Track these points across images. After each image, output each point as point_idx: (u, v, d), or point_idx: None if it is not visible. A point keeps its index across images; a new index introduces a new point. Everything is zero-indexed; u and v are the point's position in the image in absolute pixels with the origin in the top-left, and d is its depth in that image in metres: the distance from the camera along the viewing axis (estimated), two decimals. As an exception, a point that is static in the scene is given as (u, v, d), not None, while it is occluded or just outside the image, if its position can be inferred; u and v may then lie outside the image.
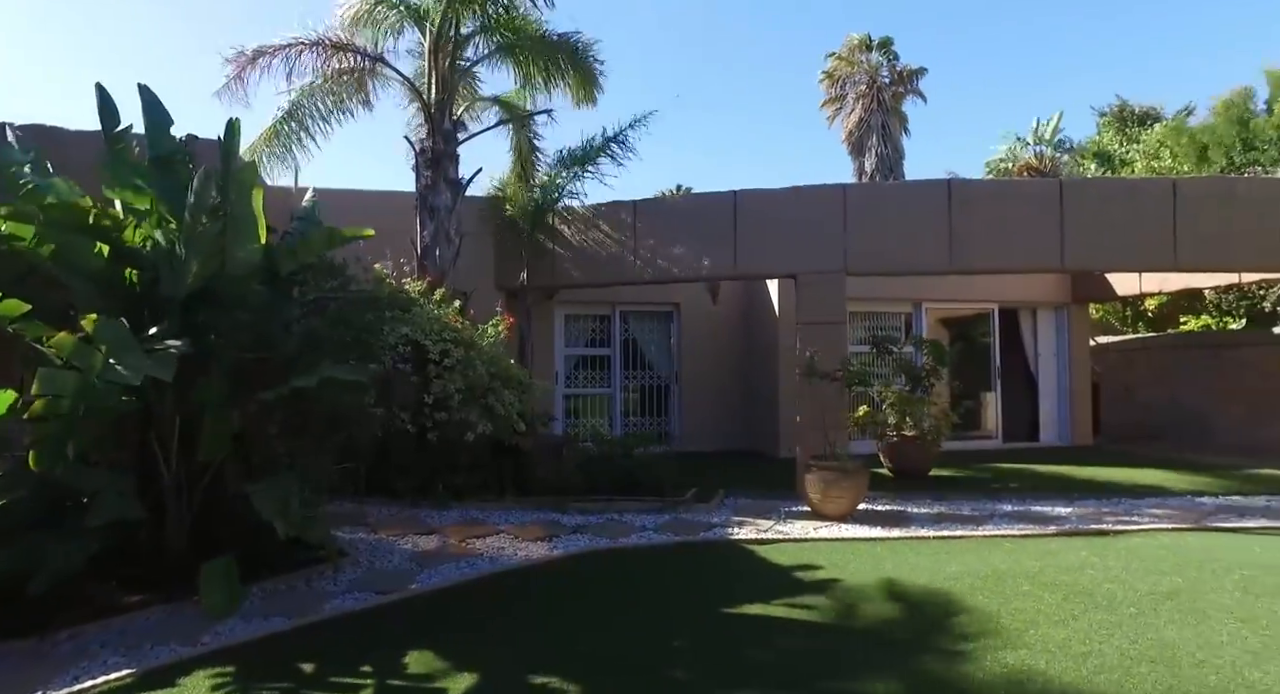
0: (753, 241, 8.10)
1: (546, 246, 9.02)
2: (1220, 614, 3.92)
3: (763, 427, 11.25)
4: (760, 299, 11.58)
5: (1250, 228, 7.95)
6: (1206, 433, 11.42)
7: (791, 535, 5.98)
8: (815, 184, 8.02)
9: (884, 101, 29.59)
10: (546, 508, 6.86)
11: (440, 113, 8.41)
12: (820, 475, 6.59)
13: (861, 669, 3.34)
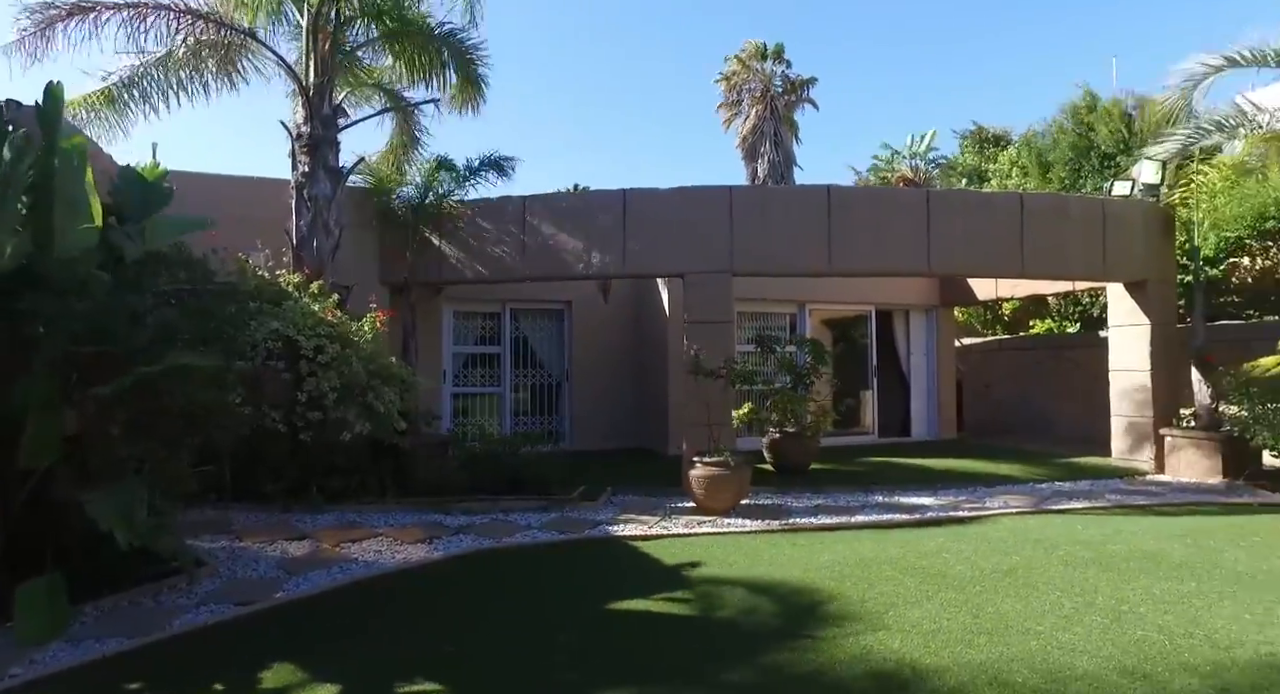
0: (642, 240, 8.19)
1: (433, 241, 8.77)
2: (1046, 586, 4.32)
3: (653, 425, 11.40)
4: (651, 298, 11.73)
5: (1079, 241, 8.81)
6: (1050, 426, 12.54)
7: (675, 531, 6.09)
8: (702, 185, 8.21)
9: (777, 109, 30.68)
10: (429, 509, 6.67)
11: (320, 97, 8.00)
12: (704, 472, 6.75)
13: (735, 658, 3.44)
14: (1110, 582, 4.42)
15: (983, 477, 8.68)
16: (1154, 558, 4.98)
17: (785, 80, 31.19)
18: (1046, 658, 3.28)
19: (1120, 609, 3.92)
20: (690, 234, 8.13)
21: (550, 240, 8.46)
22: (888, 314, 13.02)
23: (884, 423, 12.93)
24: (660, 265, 8.50)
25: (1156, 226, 9.16)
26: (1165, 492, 7.72)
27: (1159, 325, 8.98)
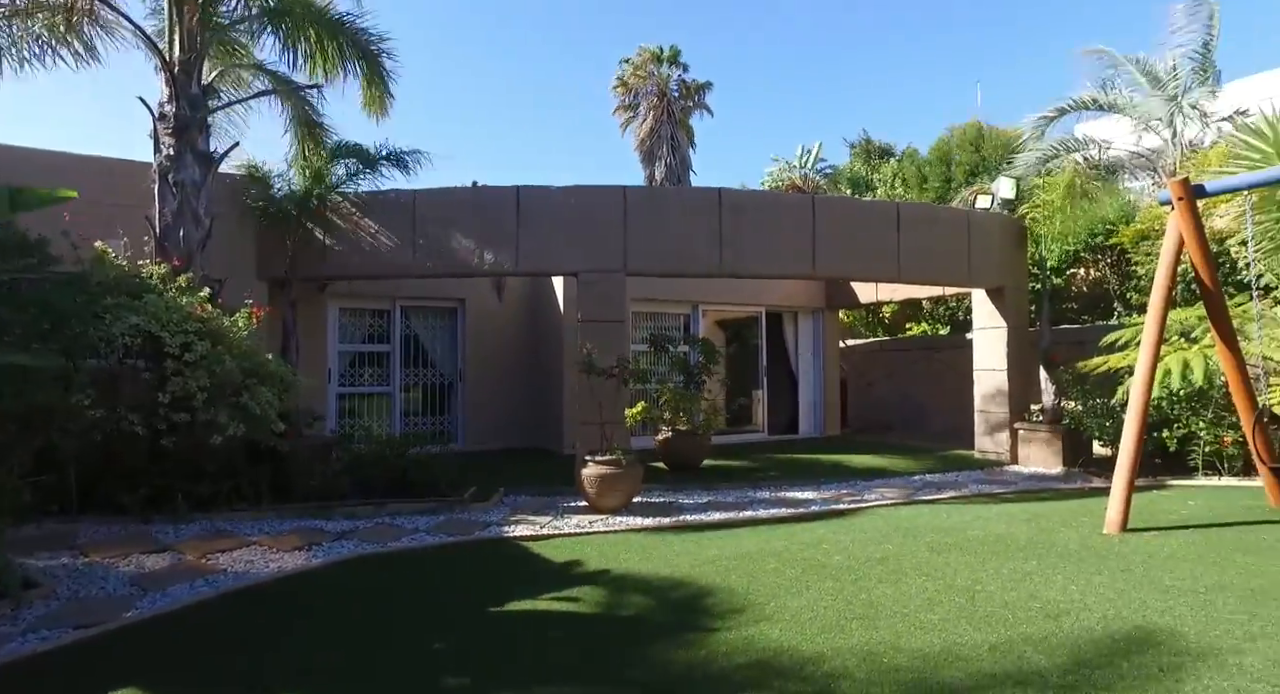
0: (536, 239, 8.13)
1: (316, 235, 8.34)
2: (913, 572, 4.63)
3: (548, 424, 11.34)
4: (546, 296, 11.66)
5: (948, 249, 9.49)
6: (925, 421, 13.42)
7: (567, 531, 6.09)
8: (596, 184, 8.23)
9: (674, 113, 31.19)
10: (309, 515, 6.35)
11: (186, 75, 7.42)
12: (597, 471, 6.78)
13: (624, 654, 3.48)
14: (968, 564, 4.79)
15: (863, 471, 9.17)
16: (1004, 540, 5.43)
17: (682, 85, 31.77)
18: (911, 638, 3.51)
19: (975, 589, 4.26)
20: (585, 233, 8.14)
21: (442, 237, 8.25)
22: (777, 315, 13.52)
23: (773, 421, 13.43)
24: (554, 264, 8.47)
25: (1012, 238, 10.00)
26: (1017, 480, 8.43)
27: (1014, 328, 9.80)
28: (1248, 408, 6.10)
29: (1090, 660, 3.20)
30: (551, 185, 8.22)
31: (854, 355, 15.56)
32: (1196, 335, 8.10)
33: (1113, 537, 5.47)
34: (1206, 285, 6.05)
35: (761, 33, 49.49)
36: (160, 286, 6.42)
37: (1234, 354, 6.08)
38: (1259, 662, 3.15)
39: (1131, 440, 5.81)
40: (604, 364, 7.30)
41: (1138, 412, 5.81)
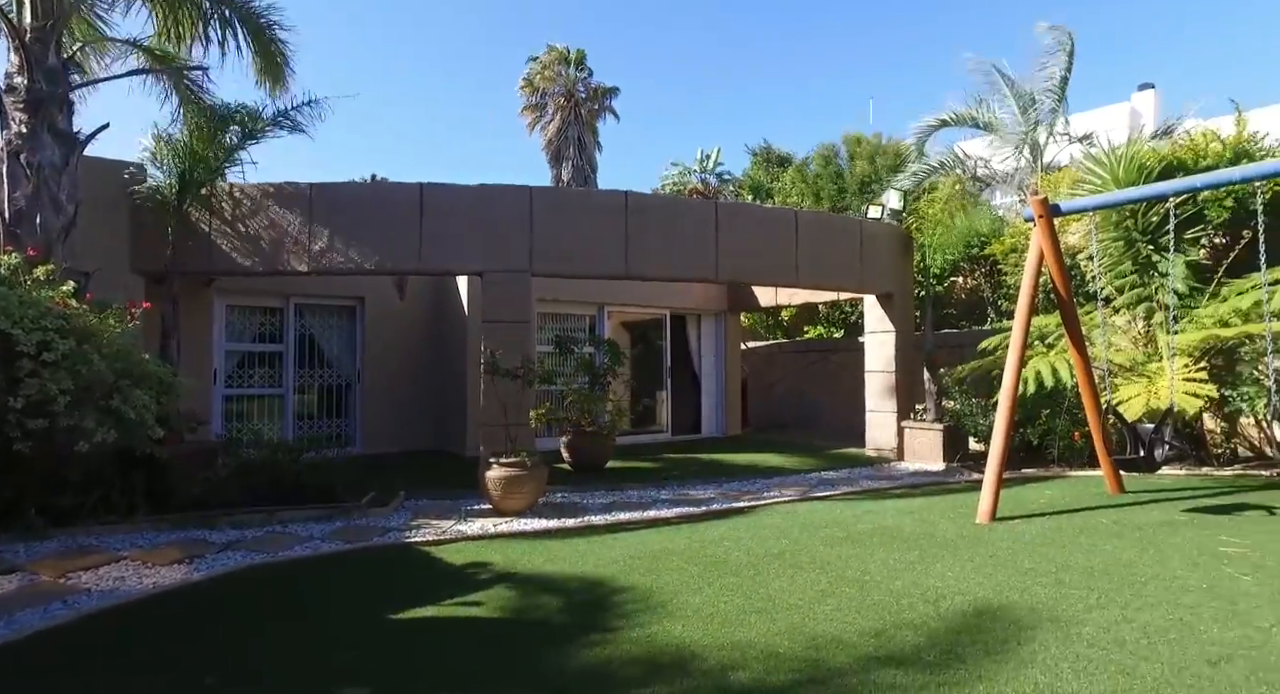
0: (439, 237, 7.95)
1: (201, 226, 7.83)
2: (809, 565, 4.86)
3: (451, 426, 11.11)
4: (450, 296, 11.42)
5: (842, 256, 9.99)
6: (821, 421, 14.02)
7: (471, 534, 6.00)
8: (502, 183, 8.15)
9: (581, 115, 31.21)
10: (191, 526, 5.97)
11: (42, 45, 6.78)
12: (501, 472, 6.71)
13: (527, 657, 3.48)
14: (858, 556, 5.07)
15: (762, 469, 9.50)
16: (891, 533, 5.78)
17: (588, 87, 31.83)
18: (806, 628, 3.69)
19: (864, 579, 4.52)
20: (490, 232, 8.04)
21: (341, 232, 7.93)
22: (681, 318, 13.78)
23: (677, 421, 13.68)
24: (458, 263, 8.31)
25: (899, 247, 10.63)
26: (903, 476, 8.97)
27: (902, 332, 10.42)
28: (1093, 406, 6.76)
29: (962, 639, 3.47)
30: (456, 183, 8.07)
31: (755, 357, 16.06)
32: (1052, 341, 8.88)
33: (984, 526, 5.93)
34: (1061, 295, 6.66)
35: (666, 39, 50.26)
36: (11, 278, 5.85)
37: (1083, 358, 6.72)
38: (1093, 630, 3.52)
39: (1000, 438, 6.32)
40: (509, 365, 7.24)
41: (1005, 411, 6.33)
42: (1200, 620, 3.60)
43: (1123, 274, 8.90)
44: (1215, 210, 8.37)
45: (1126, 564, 4.63)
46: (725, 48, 53.05)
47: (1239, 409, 8.07)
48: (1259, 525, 5.66)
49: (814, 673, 3.15)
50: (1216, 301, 8.04)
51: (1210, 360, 7.85)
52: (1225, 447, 8.71)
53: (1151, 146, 9.45)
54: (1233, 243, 8.40)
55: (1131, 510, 6.27)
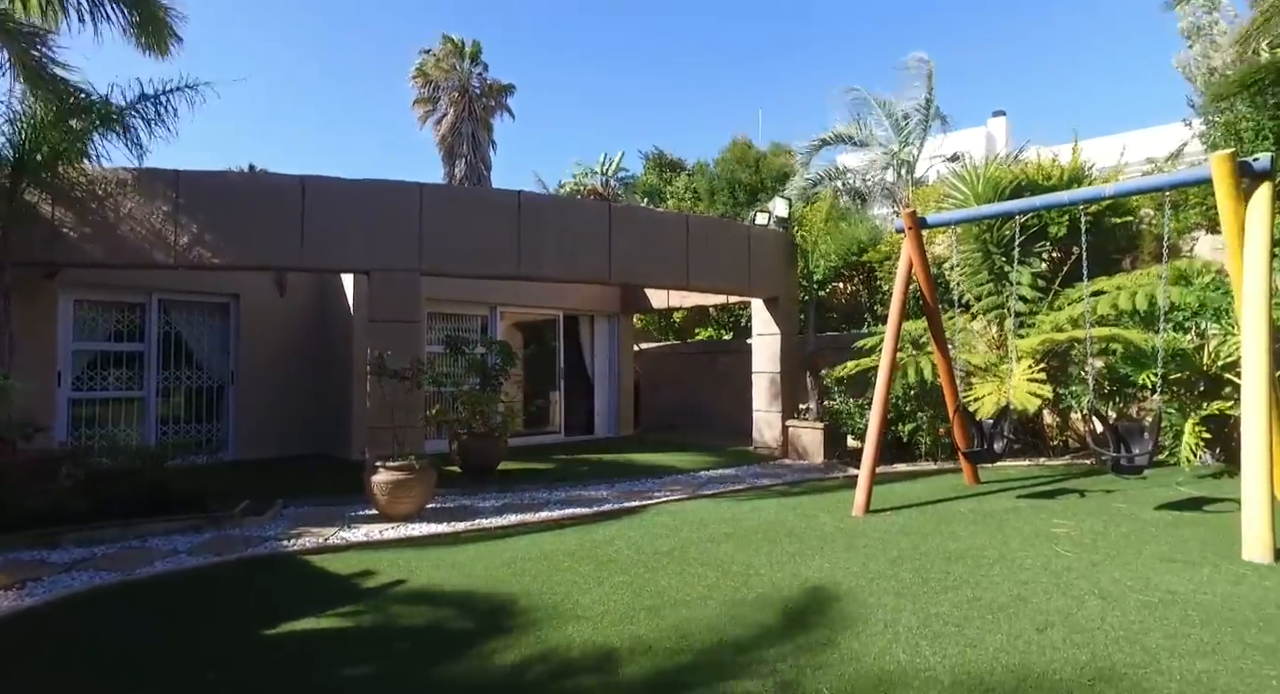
0: (323, 233, 7.62)
1: (43, 211, 7.12)
2: (697, 562, 5.04)
3: (335, 429, 10.65)
4: (334, 294, 10.95)
5: (731, 260, 10.36)
6: (712, 421, 14.43)
7: (356, 541, 5.80)
8: (391, 180, 7.91)
9: (475, 112, 30.55)
10: (27, 545, 5.43)
11: None
12: (387, 476, 6.52)
13: (414, 668, 3.42)
14: (744, 551, 5.30)
15: (654, 469, 9.69)
16: (775, 527, 6.07)
17: (484, 83, 31.23)
18: (693, 623, 3.83)
19: (749, 573, 4.74)
20: (378, 229, 7.78)
21: (213, 224, 7.42)
22: (575, 319, 13.82)
23: (571, 422, 13.69)
24: (344, 260, 7.99)
25: (785, 253, 11.13)
26: (787, 473, 9.40)
27: (786, 334, 10.92)
28: (954, 404, 7.38)
29: (835, 623, 3.73)
30: (342, 177, 7.75)
31: (647, 358, 16.32)
32: (922, 342, 9.60)
33: (859, 518, 6.34)
34: (928, 301, 7.23)
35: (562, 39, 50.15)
36: None
37: (946, 359, 7.32)
38: (948, 607, 3.88)
39: (873, 435, 6.77)
40: (397, 366, 7.04)
41: (878, 410, 6.79)
42: (1033, 594, 4.04)
43: (980, 282, 9.74)
44: (1056, 227, 9.32)
45: (978, 548, 5.10)
46: (624, 54, 53.60)
47: (1070, 405, 9.03)
48: (1080, 507, 6.38)
49: (701, 663, 3.29)
50: (1054, 310, 8.96)
51: (1049, 362, 8.73)
52: (1060, 439, 9.71)
53: (1006, 167, 10.40)
54: (1067, 257, 9.37)
55: (984, 499, 6.89)
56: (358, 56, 49.51)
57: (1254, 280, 5.04)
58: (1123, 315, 8.08)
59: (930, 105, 13.71)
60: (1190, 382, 7.91)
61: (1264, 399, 4.83)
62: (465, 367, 9.22)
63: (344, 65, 49.67)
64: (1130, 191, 6.69)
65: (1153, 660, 3.15)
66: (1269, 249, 5.09)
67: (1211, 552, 4.78)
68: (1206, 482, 7.19)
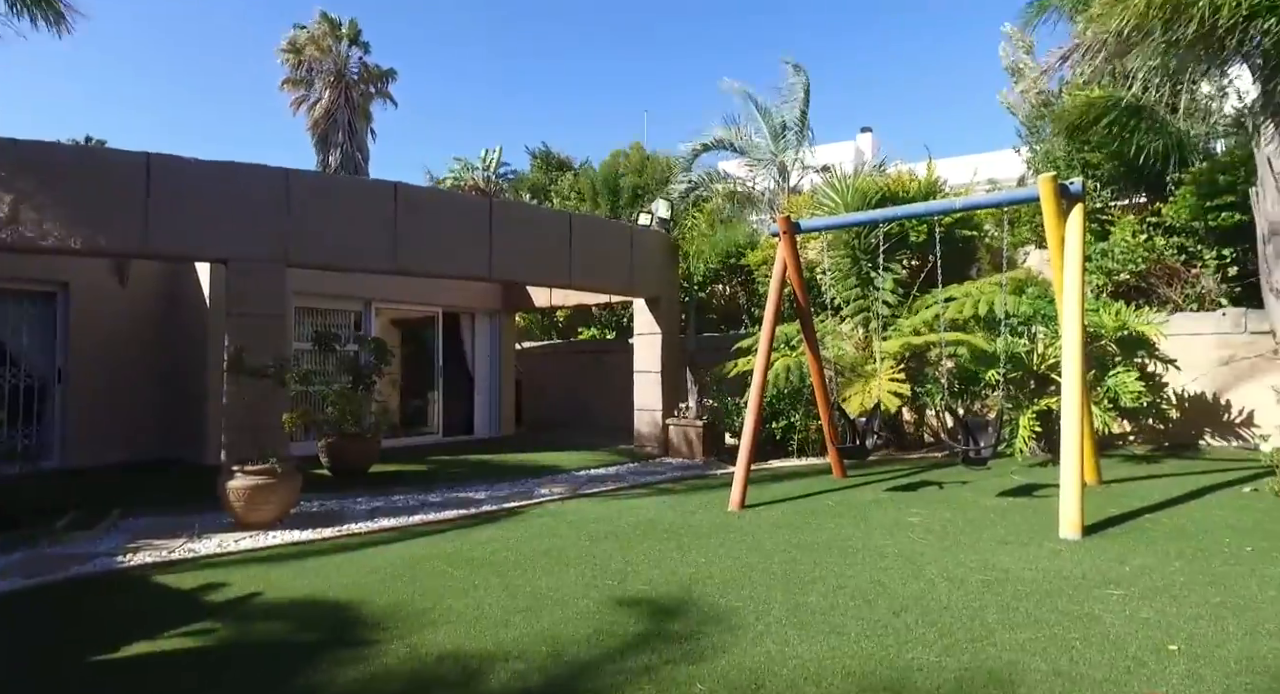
0: (173, 217, 6.94)
1: None
2: (575, 561, 5.01)
3: (189, 431, 9.79)
4: (187, 284, 10.06)
5: (613, 260, 10.41)
6: (595, 420, 14.45)
7: (206, 553, 5.34)
8: (253, 163, 7.33)
9: (353, 98, 29.02)
10: None
11: None
12: (245, 482, 6.06)
13: (267, 688, 3.18)
14: (622, 549, 5.31)
15: (535, 468, 9.57)
16: (653, 525, 6.14)
17: (363, 67, 29.77)
18: (568, 624, 3.79)
19: (626, 571, 4.75)
20: (238, 216, 7.20)
21: (35, 202, 6.56)
22: (455, 316, 13.43)
23: (449, 422, 13.30)
24: (197, 248, 7.33)
25: (666, 253, 11.30)
26: (668, 470, 9.55)
27: (667, 334, 11.09)
28: (824, 403, 7.77)
29: (708, 618, 3.80)
30: (196, 158, 7.09)
31: (530, 357, 16.13)
32: (795, 343, 10.04)
33: (735, 513, 6.53)
34: (800, 304, 7.57)
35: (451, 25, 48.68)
36: None
37: (817, 360, 7.69)
38: (815, 597, 4.06)
39: (748, 433, 7.00)
40: (257, 363, 6.55)
41: (754, 408, 7.03)
42: (892, 580, 4.30)
43: (849, 287, 10.31)
44: (915, 235, 10.02)
45: (843, 539, 5.38)
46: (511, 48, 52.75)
47: (926, 403, 9.75)
48: (934, 497, 6.88)
49: (574, 666, 3.26)
50: (913, 314, 9.63)
51: (908, 363, 9.38)
52: (918, 434, 10.46)
53: (873, 178, 11.08)
54: (924, 265, 10.11)
55: (851, 492, 7.29)
56: (230, 30, 45.81)
57: (1070, 288, 5.63)
58: (970, 321, 8.81)
59: (805, 114, 14.36)
60: (1023, 380, 8.73)
61: (1078, 398, 5.41)
62: (335, 364, 8.73)
63: (216, 39, 45.83)
64: (976, 205, 7.32)
65: (989, 634, 3.43)
66: (1083, 260, 5.70)
67: (1037, 532, 5.30)
68: (1035, 470, 7.96)
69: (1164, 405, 8.75)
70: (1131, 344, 8.40)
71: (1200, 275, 9.70)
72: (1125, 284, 9.81)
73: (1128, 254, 9.67)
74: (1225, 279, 9.56)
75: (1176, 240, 9.81)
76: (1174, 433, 9.15)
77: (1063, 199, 5.80)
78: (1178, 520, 5.54)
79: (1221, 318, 9.11)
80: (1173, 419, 8.95)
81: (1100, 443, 8.01)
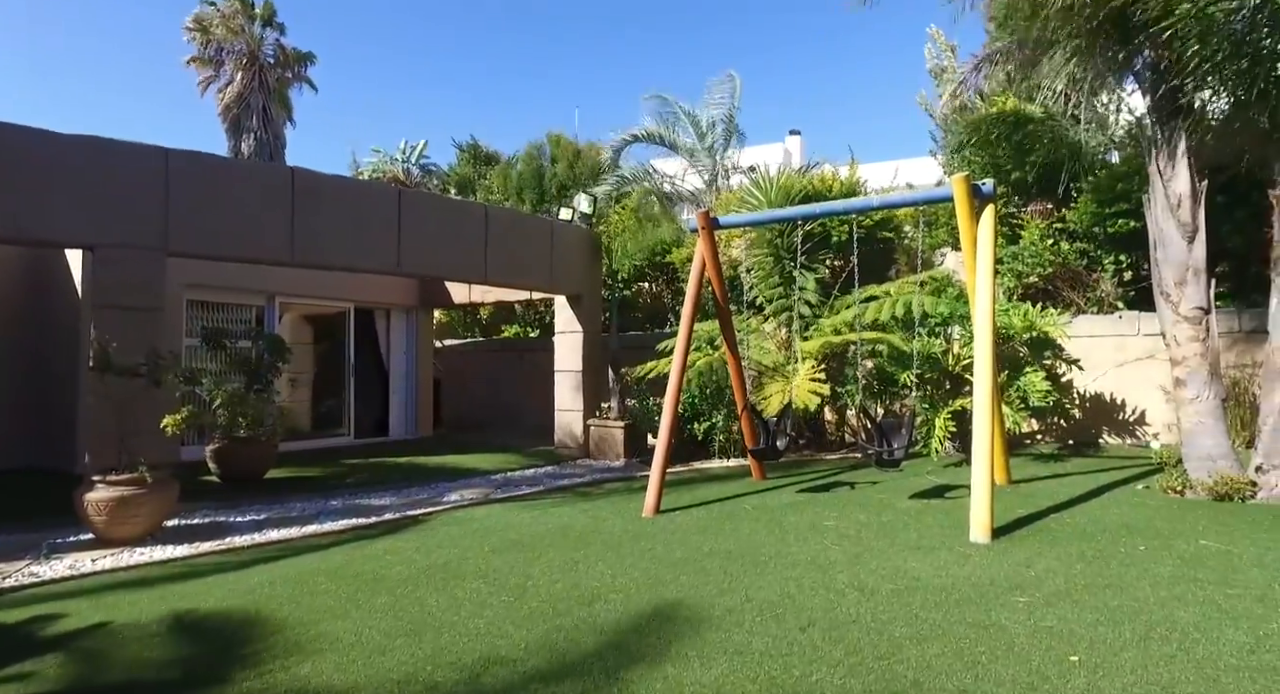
0: (27, 196, 6.20)
1: None
2: (472, 575, 4.67)
3: (60, 436, 8.91)
4: (55, 273, 9.17)
5: (533, 256, 10.05)
6: (517, 420, 14.02)
7: (53, 577, 4.76)
8: (126, 140, 6.65)
9: (268, 81, 27.55)
10: None
11: None
12: (107, 492, 5.46)
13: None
14: (524, 561, 5.00)
15: (448, 472, 9.14)
16: (563, 533, 5.85)
17: (279, 49, 28.34)
18: (456, 648, 3.46)
19: (525, 586, 4.44)
20: (107, 198, 6.51)
21: None
22: (369, 312, 12.80)
23: (363, 423, 12.67)
24: (57, 231, 6.58)
25: (589, 250, 10.99)
26: (587, 473, 9.27)
27: (589, 333, 10.79)
28: (744, 403, 7.64)
29: (609, 637, 3.55)
30: (56, 131, 6.36)
31: (451, 355, 15.57)
32: (718, 343, 9.92)
33: (649, 519, 6.29)
34: (719, 302, 7.42)
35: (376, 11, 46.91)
36: None
37: (736, 360, 7.56)
38: (720, 612, 3.83)
39: (664, 435, 6.79)
40: (128, 361, 5.93)
41: (670, 409, 6.82)
42: (801, 591, 4.14)
43: (772, 286, 10.25)
44: (837, 235, 10.05)
45: (756, 546, 5.22)
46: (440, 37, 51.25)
47: (846, 403, 9.79)
48: (849, 500, 6.81)
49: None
50: (834, 314, 9.65)
51: (829, 362, 9.38)
52: (837, 434, 10.50)
53: (797, 177, 11.07)
54: (846, 265, 10.15)
55: (767, 495, 7.17)
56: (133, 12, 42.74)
57: (982, 287, 5.64)
58: (889, 321, 8.87)
59: (733, 118, 14.31)
60: (939, 381, 8.84)
61: (989, 400, 5.43)
62: (226, 363, 8.07)
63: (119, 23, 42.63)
64: (893, 204, 7.33)
65: (897, 650, 3.29)
66: (994, 260, 5.73)
67: (948, 536, 5.26)
68: (949, 471, 8.05)
69: (1068, 405, 9.02)
70: (1039, 345, 8.62)
71: (1100, 279, 10.07)
72: (1034, 287, 10.10)
73: (1036, 257, 9.95)
74: (1121, 283, 9.95)
75: (1079, 245, 10.16)
76: (1077, 431, 9.46)
77: (975, 199, 5.81)
78: (1079, 521, 5.61)
79: (1118, 320, 9.48)
80: (1076, 418, 9.24)
81: (1011, 442, 8.18)
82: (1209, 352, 6.16)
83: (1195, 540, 4.90)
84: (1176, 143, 6.15)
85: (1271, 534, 5.04)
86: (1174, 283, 6.28)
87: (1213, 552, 4.65)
